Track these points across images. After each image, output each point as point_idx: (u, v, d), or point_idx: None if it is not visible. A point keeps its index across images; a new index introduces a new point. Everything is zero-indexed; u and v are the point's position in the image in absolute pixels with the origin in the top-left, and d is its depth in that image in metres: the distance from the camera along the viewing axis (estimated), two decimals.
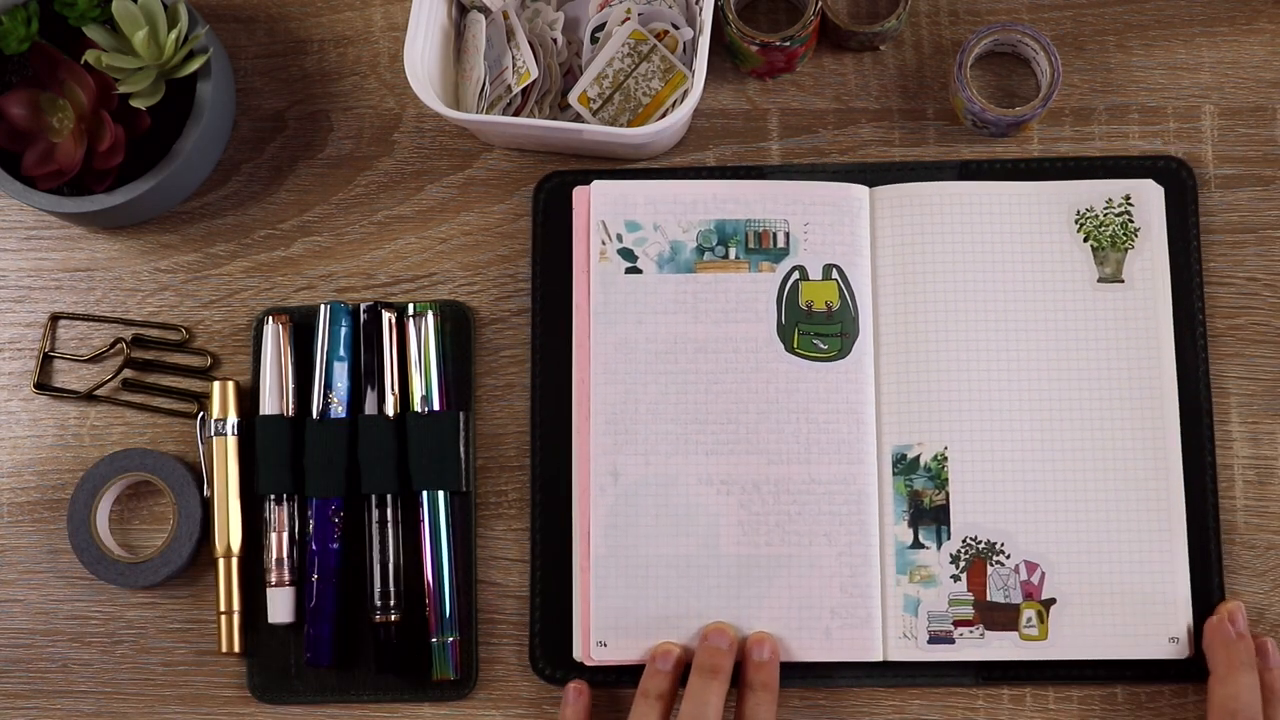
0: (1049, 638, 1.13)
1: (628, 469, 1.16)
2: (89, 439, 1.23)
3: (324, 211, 1.25)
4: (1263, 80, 1.23)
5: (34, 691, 1.20)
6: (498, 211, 1.24)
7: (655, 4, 1.22)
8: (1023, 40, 1.19)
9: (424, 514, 1.18)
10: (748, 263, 1.18)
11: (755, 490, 1.15)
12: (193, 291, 1.24)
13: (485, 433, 1.21)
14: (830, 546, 1.14)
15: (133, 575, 1.19)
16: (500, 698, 1.18)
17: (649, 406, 1.17)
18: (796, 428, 1.15)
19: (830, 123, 1.24)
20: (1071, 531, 1.14)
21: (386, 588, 1.17)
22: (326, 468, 1.18)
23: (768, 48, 1.19)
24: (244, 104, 1.27)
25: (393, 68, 1.27)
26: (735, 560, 1.15)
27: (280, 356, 1.20)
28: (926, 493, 1.15)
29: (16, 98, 1.20)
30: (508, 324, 1.22)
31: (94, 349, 1.24)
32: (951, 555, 1.14)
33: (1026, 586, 1.13)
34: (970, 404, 1.15)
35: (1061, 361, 1.15)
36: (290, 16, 1.28)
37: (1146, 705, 1.15)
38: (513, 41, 1.21)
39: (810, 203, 1.18)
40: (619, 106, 1.21)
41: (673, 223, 1.19)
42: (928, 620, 1.13)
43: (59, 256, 1.25)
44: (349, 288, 1.23)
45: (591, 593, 1.15)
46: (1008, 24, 1.20)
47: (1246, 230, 1.20)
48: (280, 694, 1.19)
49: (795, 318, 1.17)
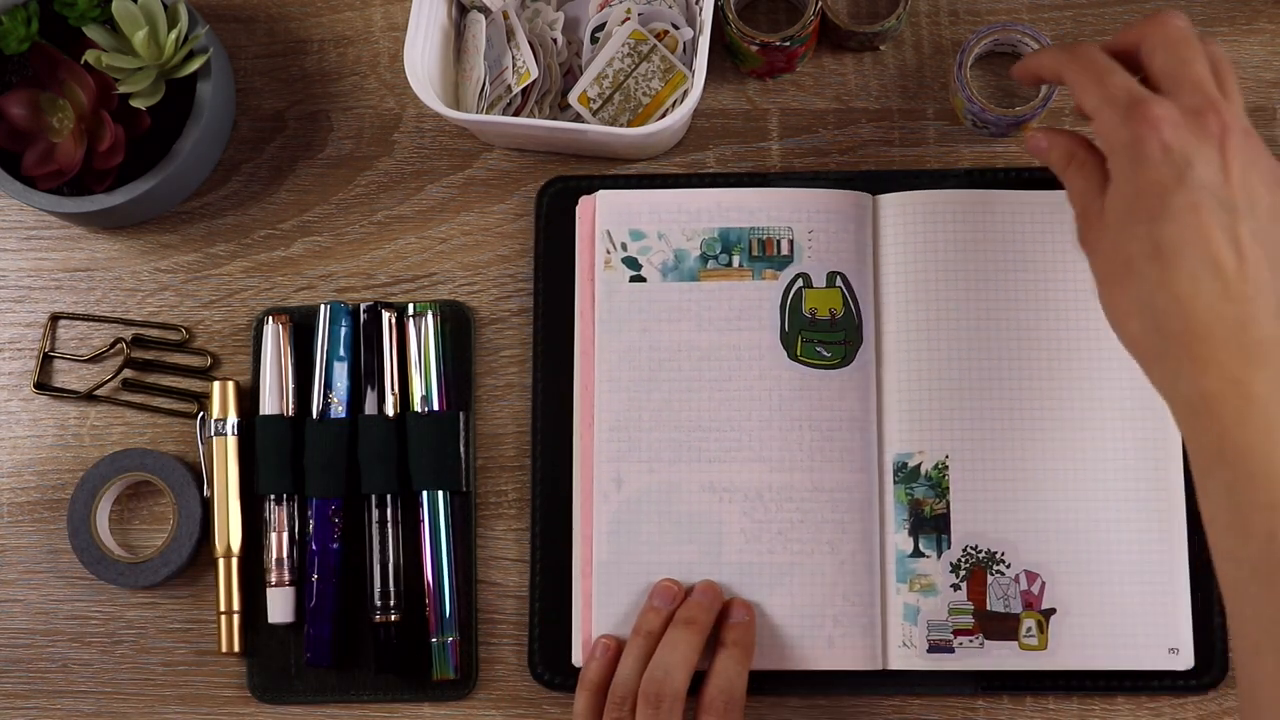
0: (1049, 648, 1.13)
1: (631, 476, 1.16)
2: (89, 439, 1.23)
3: (324, 211, 1.25)
4: (1263, 80, 1.23)
5: (34, 691, 1.21)
6: (498, 211, 1.24)
7: (655, 4, 1.21)
8: (1023, 40, 1.19)
9: (424, 514, 1.18)
10: (751, 270, 1.18)
11: (758, 498, 1.15)
12: (193, 291, 1.24)
13: (485, 433, 1.21)
14: (833, 554, 1.14)
15: (133, 575, 1.19)
16: (500, 698, 1.19)
17: (652, 414, 1.17)
18: (799, 435, 1.16)
19: (830, 123, 1.24)
20: (1072, 542, 1.14)
21: (386, 588, 1.17)
22: (326, 468, 1.18)
23: (768, 48, 1.19)
24: (244, 104, 1.26)
25: (393, 68, 1.26)
26: (738, 568, 1.15)
27: (280, 356, 1.20)
28: (927, 501, 1.15)
29: (16, 98, 1.19)
30: (508, 324, 1.22)
31: (94, 349, 1.23)
32: (952, 564, 1.14)
33: (1026, 596, 1.13)
34: (972, 413, 1.15)
35: (1063, 372, 1.15)
36: (290, 16, 1.28)
37: (1147, 716, 1.16)
38: (513, 41, 1.20)
39: (814, 210, 1.18)
40: (619, 106, 1.20)
41: (677, 231, 1.19)
42: (927, 629, 1.13)
43: (59, 256, 1.25)
44: (349, 288, 1.23)
45: (594, 599, 1.15)
46: (1008, 24, 1.20)
47: None
48: (280, 694, 1.19)
49: (799, 325, 1.17)
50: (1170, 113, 0.95)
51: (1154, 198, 0.94)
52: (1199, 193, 0.93)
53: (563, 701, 1.18)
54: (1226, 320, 0.91)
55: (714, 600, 1.13)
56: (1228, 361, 0.91)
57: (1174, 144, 0.94)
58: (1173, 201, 0.93)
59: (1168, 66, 0.98)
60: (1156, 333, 0.94)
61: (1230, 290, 0.92)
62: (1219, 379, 0.91)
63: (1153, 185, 0.94)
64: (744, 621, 1.13)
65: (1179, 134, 0.94)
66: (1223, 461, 0.90)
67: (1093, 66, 1.00)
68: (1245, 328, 0.91)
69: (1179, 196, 0.93)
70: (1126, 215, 0.96)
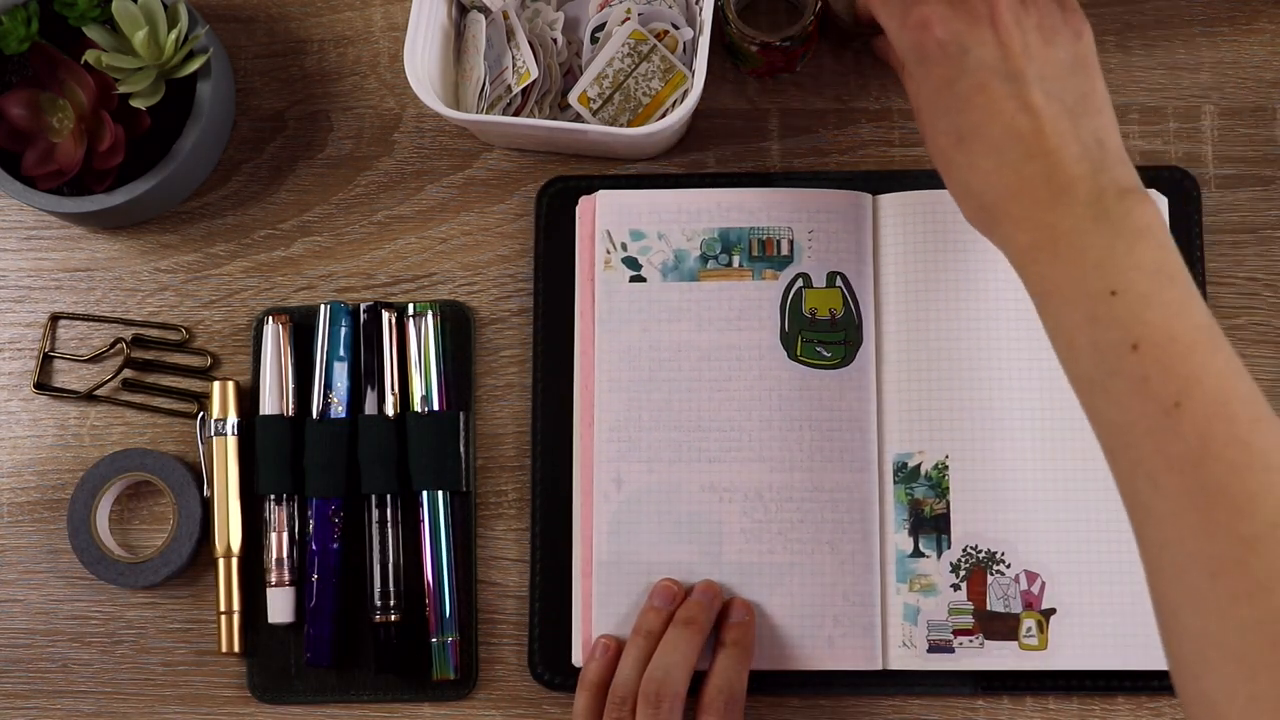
0: (1049, 648, 1.13)
1: (631, 476, 1.16)
2: (89, 439, 1.23)
3: (324, 211, 1.25)
4: (1263, 80, 1.23)
5: (34, 691, 1.21)
6: (498, 211, 1.24)
7: (655, 4, 1.21)
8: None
9: (424, 514, 1.18)
10: (751, 270, 1.18)
11: (758, 498, 1.15)
12: (193, 291, 1.24)
13: (485, 433, 1.21)
14: (833, 554, 1.14)
15: (133, 575, 1.19)
16: (500, 698, 1.19)
17: (652, 414, 1.17)
18: (799, 435, 1.16)
19: (830, 123, 1.24)
20: (1072, 541, 1.14)
21: (386, 588, 1.17)
22: (326, 468, 1.18)
23: (768, 48, 1.19)
24: (244, 104, 1.26)
25: (393, 68, 1.26)
26: (738, 568, 1.15)
27: (280, 356, 1.20)
28: (927, 501, 1.15)
29: (16, 98, 1.19)
30: (508, 324, 1.22)
31: (94, 349, 1.23)
32: (952, 564, 1.14)
33: (1026, 596, 1.13)
34: (972, 413, 1.15)
35: (1063, 371, 1.15)
36: (290, 16, 1.28)
37: (1147, 716, 1.16)
38: (513, 41, 1.20)
39: (814, 210, 1.18)
40: (619, 106, 1.20)
41: (677, 231, 1.19)
42: (927, 629, 1.13)
43: (59, 256, 1.25)
44: (349, 288, 1.23)
45: (594, 599, 1.15)
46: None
47: (1246, 230, 1.21)
48: (280, 694, 1.19)
49: (799, 325, 1.17)
50: (937, 9, 1.02)
51: (945, 92, 1.02)
52: (980, 73, 1.00)
53: (563, 701, 1.18)
54: (1034, 178, 0.98)
55: (714, 600, 1.13)
56: (1038, 212, 0.97)
57: (946, 37, 1.01)
58: (959, 90, 1.01)
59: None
60: (982, 210, 1.01)
61: (1032, 149, 0.98)
62: (1033, 229, 0.97)
63: (940, 81, 1.02)
64: (744, 621, 1.13)
65: (949, 26, 1.01)
66: (1046, 296, 0.97)
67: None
68: (1051, 177, 0.97)
69: (963, 83, 1.00)
70: (929, 114, 1.04)
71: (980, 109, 0.99)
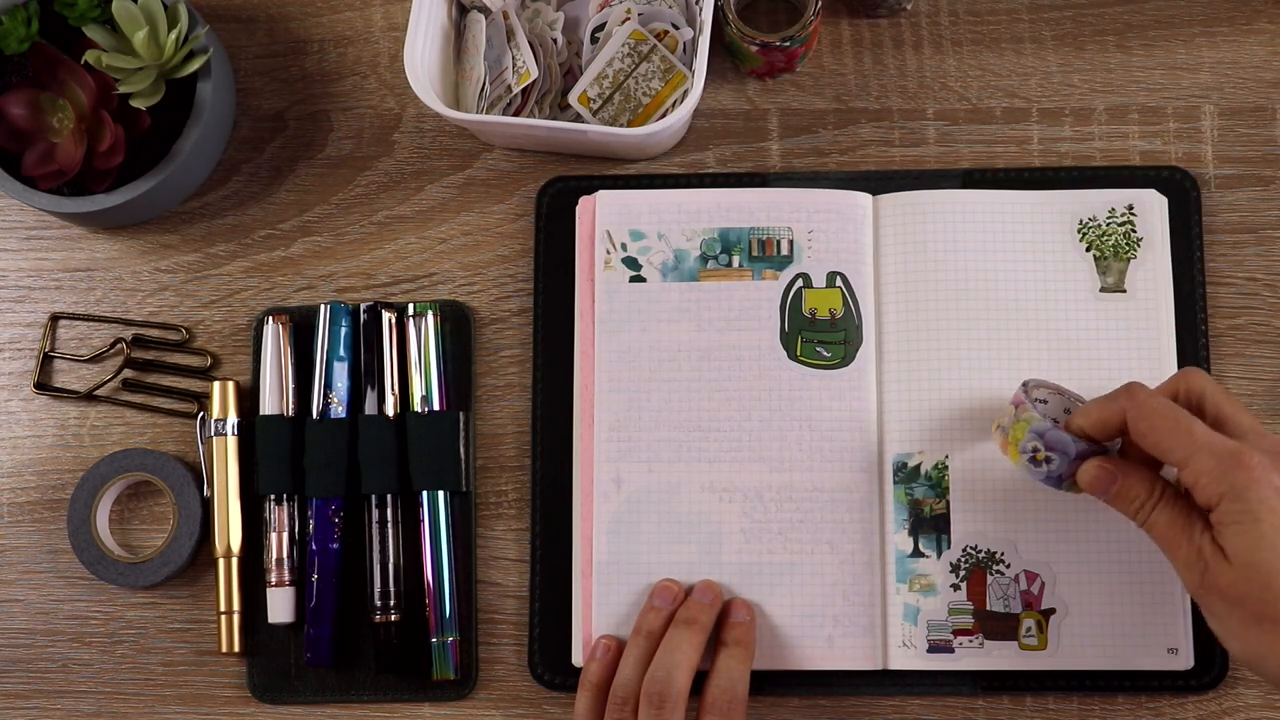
0: (1048, 648, 1.13)
1: (631, 477, 1.16)
2: (89, 439, 1.23)
3: (324, 211, 1.25)
4: (1263, 80, 1.23)
5: (34, 691, 1.21)
6: (498, 211, 1.24)
7: (655, 4, 1.21)
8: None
9: (424, 514, 1.18)
10: (751, 270, 1.18)
11: (758, 498, 1.15)
12: (193, 291, 1.24)
13: (485, 433, 1.21)
14: (833, 554, 1.14)
15: (133, 575, 1.19)
16: (500, 698, 1.19)
17: (652, 414, 1.17)
18: (799, 435, 1.16)
19: (830, 123, 1.24)
20: (1071, 542, 1.14)
21: (386, 588, 1.17)
22: (326, 468, 1.18)
23: (768, 48, 1.19)
24: (244, 104, 1.26)
25: (393, 68, 1.26)
26: (738, 568, 1.15)
27: (280, 356, 1.20)
28: (927, 501, 1.15)
29: (16, 98, 1.19)
30: (508, 324, 1.22)
31: (94, 349, 1.23)
32: (951, 564, 1.14)
33: (1026, 596, 1.13)
34: (972, 413, 1.15)
35: (1063, 371, 1.15)
36: (290, 16, 1.28)
37: (1147, 716, 1.16)
38: (513, 41, 1.20)
39: (814, 210, 1.18)
40: (619, 106, 1.20)
41: (676, 231, 1.19)
42: (927, 629, 1.13)
43: (59, 256, 1.25)
44: (349, 288, 1.23)
45: (594, 599, 1.15)
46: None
47: (1246, 230, 1.21)
48: (280, 694, 1.19)
49: (798, 325, 1.17)
50: (1262, 458, 0.97)
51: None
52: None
53: (563, 702, 1.18)
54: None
55: (714, 600, 1.13)
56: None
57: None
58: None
59: (1225, 413, 1.03)
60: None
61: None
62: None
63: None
64: (745, 621, 1.13)
65: (1273, 475, 0.97)
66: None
67: (1173, 417, 1.01)
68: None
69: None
70: (1270, 554, 0.97)
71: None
